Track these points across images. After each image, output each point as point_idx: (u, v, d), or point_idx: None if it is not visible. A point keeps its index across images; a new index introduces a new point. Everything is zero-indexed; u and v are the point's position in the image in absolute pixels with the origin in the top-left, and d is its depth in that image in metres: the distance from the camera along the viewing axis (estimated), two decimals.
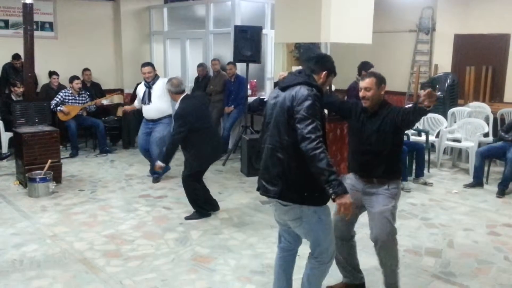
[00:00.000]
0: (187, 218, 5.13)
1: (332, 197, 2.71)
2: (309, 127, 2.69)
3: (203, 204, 5.16)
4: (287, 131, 2.82)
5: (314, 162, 2.68)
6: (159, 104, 6.40)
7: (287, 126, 2.81)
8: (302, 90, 2.80)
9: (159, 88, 6.35)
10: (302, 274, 3.13)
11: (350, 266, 3.56)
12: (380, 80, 3.31)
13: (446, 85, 8.36)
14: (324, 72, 2.98)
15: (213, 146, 5.10)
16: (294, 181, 2.83)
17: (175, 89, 5.14)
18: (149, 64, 6.63)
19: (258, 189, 3.07)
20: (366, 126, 3.34)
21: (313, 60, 3.03)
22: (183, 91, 5.20)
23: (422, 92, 3.00)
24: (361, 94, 3.32)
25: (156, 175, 6.52)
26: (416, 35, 9.79)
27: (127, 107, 7.30)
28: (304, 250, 3.22)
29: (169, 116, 6.47)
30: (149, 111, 6.47)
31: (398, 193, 3.37)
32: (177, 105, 5.15)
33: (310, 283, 3.07)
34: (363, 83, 3.31)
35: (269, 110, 2.99)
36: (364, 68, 6.17)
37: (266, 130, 2.99)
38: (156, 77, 6.50)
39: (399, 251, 3.46)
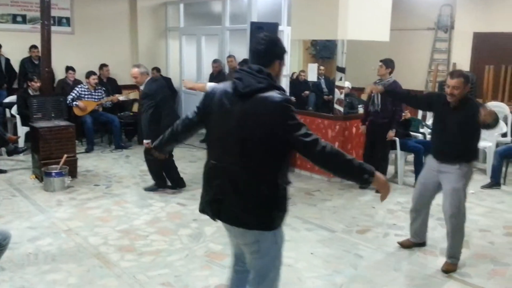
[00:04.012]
0: (145, 189, 5.90)
1: (370, 180, 2.31)
2: (303, 131, 2.28)
3: (160, 176, 5.84)
4: (260, 149, 2.32)
5: (332, 159, 2.30)
6: None
7: (260, 144, 2.31)
8: (275, 99, 2.29)
9: None
10: None
11: (419, 228, 4.28)
12: (467, 80, 3.71)
13: None
14: (277, 62, 2.43)
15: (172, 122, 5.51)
16: (259, 204, 2.39)
17: (144, 69, 5.58)
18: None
19: (202, 211, 2.57)
20: (447, 118, 3.78)
21: (261, 51, 2.41)
22: (148, 74, 5.70)
23: (482, 112, 3.49)
24: (449, 91, 3.70)
25: None
26: (435, 33, 9.67)
27: (188, 82, 6.15)
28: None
29: None
30: None
31: (469, 173, 3.86)
32: (142, 86, 5.55)
33: None
34: (452, 82, 3.68)
35: (219, 120, 2.42)
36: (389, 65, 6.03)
37: (216, 144, 2.47)
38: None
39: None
